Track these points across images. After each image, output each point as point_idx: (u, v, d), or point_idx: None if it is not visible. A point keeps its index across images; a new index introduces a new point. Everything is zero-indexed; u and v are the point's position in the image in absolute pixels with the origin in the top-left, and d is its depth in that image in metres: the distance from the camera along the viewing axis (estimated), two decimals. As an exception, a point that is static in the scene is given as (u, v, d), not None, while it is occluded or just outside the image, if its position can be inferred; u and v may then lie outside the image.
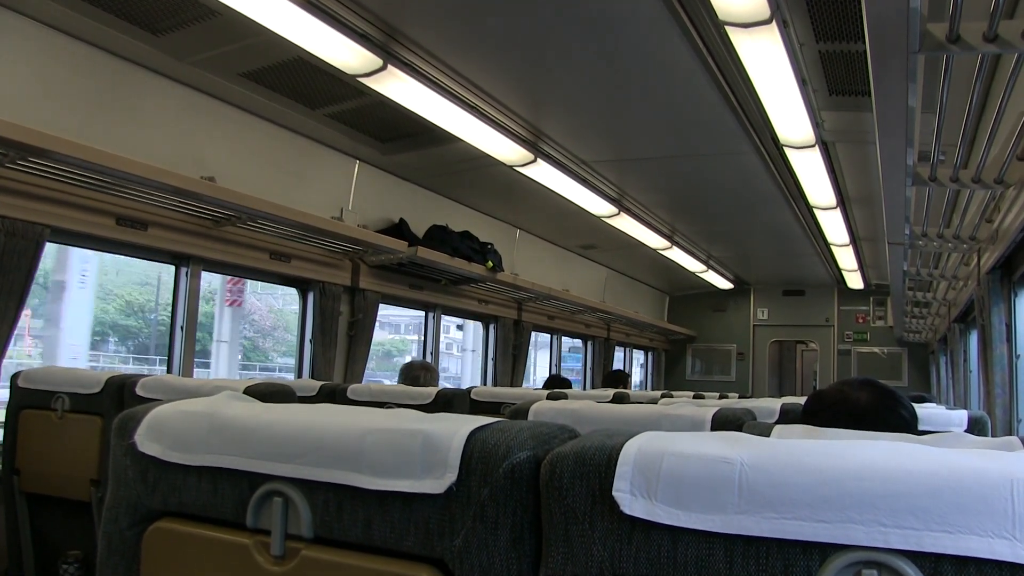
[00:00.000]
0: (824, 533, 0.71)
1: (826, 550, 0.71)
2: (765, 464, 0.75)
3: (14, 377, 2.87)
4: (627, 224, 6.67)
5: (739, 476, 0.75)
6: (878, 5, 1.91)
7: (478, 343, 7.84)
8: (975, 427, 2.36)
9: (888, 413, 1.77)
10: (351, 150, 5.07)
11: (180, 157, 3.92)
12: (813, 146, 4.46)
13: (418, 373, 4.40)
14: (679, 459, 0.78)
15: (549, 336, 8.64)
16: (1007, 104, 2.48)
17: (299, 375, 5.12)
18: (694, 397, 4.87)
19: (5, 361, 3.32)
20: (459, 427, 0.91)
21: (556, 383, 6.13)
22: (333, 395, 3.48)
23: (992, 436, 2.28)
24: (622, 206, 6.23)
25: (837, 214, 6.15)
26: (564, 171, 5.21)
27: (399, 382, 4.39)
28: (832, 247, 7.70)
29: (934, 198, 3.75)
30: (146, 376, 2.64)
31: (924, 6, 1.93)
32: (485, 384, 7.20)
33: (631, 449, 0.81)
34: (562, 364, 9.00)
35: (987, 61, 2.26)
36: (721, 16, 2.99)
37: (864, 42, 2.12)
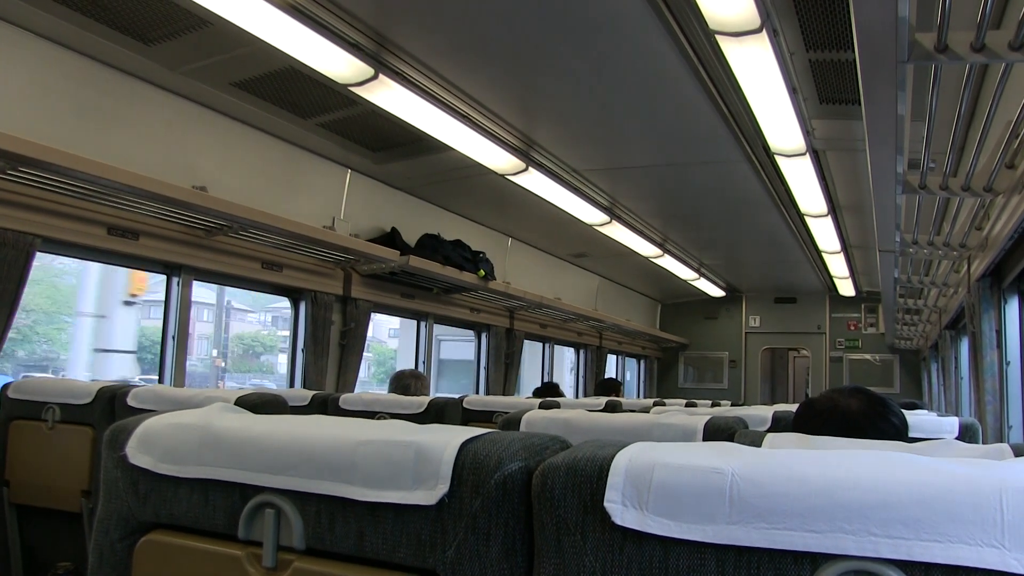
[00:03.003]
0: (815, 543, 0.71)
1: (817, 560, 0.72)
2: (756, 474, 0.75)
3: (4, 388, 2.86)
4: (619, 232, 6.68)
5: (730, 486, 0.75)
6: (867, 15, 1.93)
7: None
8: (966, 434, 2.37)
9: (879, 420, 1.78)
10: (343, 159, 5.07)
11: (171, 167, 3.91)
12: (804, 154, 4.47)
13: (408, 382, 4.40)
14: (670, 470, 0.78)
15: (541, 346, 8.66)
16: (995, 113, 2.50)
17: (291, 384, 5.10)
18: (686, 405, 4.86)
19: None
20: (451, 438, 0.91)
21: (547, 390, 6.14)
22: (325, 404, 3.48)
23: (983, 443, 2.30)
24: (614, 214, 6.25)
25: (828, 222, 6.17)
26: (556, 180, 5.22)
27: (389, 391, 4.38)
28: (823, 254, 7.73)
29: (924, 206, 3.77)
30: (138, 387, 2.63)
31: (912, 16, 1.94)
32: (477, 393, 7.19)
33: (622, 460, 0.81)
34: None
35: (975, 70, 2.27)
36: (712, 25, 3.00)
37: (854, 51, 2.14)
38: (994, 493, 0.68)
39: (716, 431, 1.93)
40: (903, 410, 1.88)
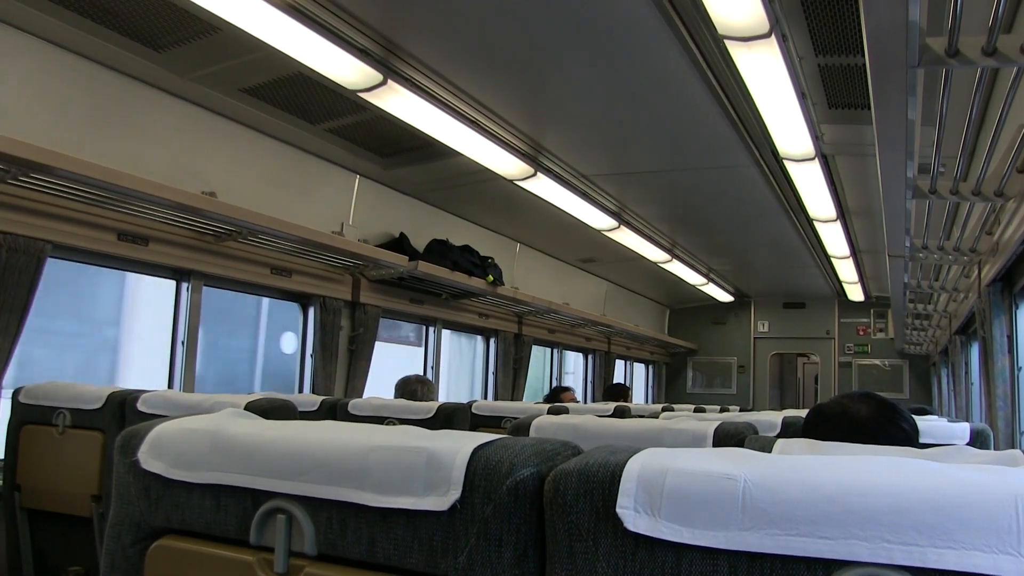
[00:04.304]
0: (828, 549, 0.71)
1: (830, 566, 0.71)
2: (768, 481, 0.75)
3: (15, 393, 2.87)
4: (627, 237, 6.68)
5: (742, 493, 0.75)
6: (877, 19, 1.92)
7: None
8: (977, 440, 2.36)
9: (888, 426, 1.77)
10: (351, 165, 5.08)
11: (181, 172, 3.93)
12: (813, 159, 4.47)
13: (415, 387, 4.40)
14: (682, 476, 0.78)
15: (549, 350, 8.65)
16: (1006, 117, 2.49)
17: (300, 390, 5.11)
18: (695, 411, 4.86)
19: None
20: (462, 444, 0.91)
21: (557, 394, 6.14)
22: (334, 410, 3.48)
23: (994, 449, 2.28)
24: (622, 219, 6.24)
25: (837, 226, 6.15)
26: (564, 185, 5.22)
27: (396, 396, 4.39)
28: (832, 259, 7.71)
29: (934, 210, 3.76)
30: (147, 392, 2.64)
31: (923, 20, 1.94)
32: (486, 398, 7.19)
33: (634, 466, 0.81)
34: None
35: (986, 74, 2.27)
36: (720, 30, 3.00)
37: (863, 56, 2.13)
38: (1009, 500, 0.68)
39: (726, 437, 1.93)
40: (913, 415, 1.88)
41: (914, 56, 2.03)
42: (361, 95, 3.71)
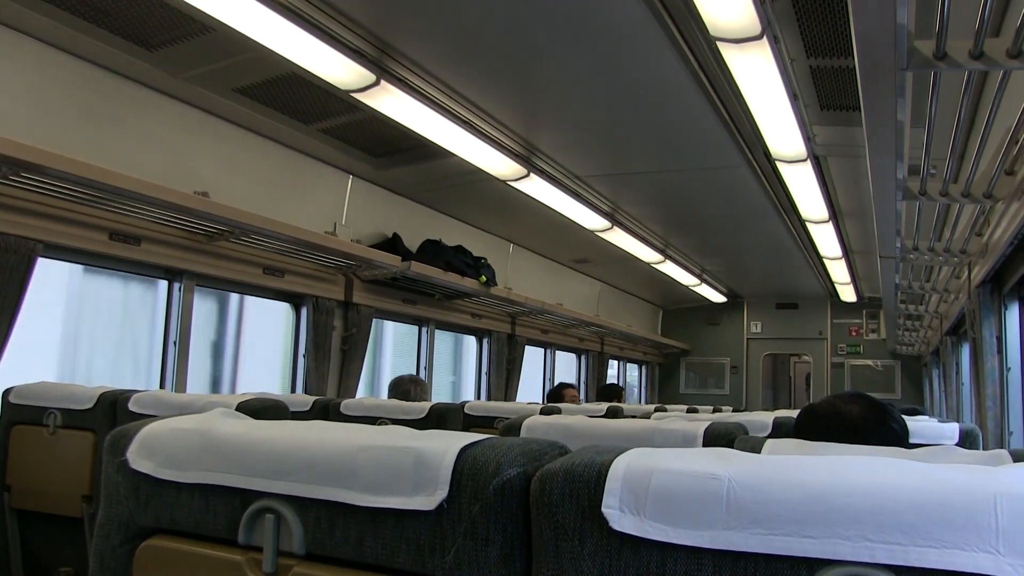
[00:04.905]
0: (811, 549, 0.72)
1: (813, 565, 0.72)
2: (753, 480, 0.75)
3: (5, 393, 2.86)
4: (620, 238, 6.69)
5: (727, 492, 0.75)
6: (866, 22, 1.93)
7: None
8: (966, 440, 2.37)
9: (879, 426, 1.79)
10: (344, 165, 5.08)
11: (174, 172, 3.92)
12: (805, 160, 4.48)
13: (408, 387, 4.40)
14: (668, 475, 0.78)
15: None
16: (994, 119, 2.50)
17: (292, 390, 5.10)
18: (688, 411, 4.86)
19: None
20: (450, 444, 0.92)
21: (559, 392, 6.14)
22: (326, 410, 3.48)
23: (983, 449, 2.30)
24: (615, 220, 6.25)
25: (829, 227, 6.17)
26: (557, 186, 5.23)
27: (389, 397, 4.38)
28: (825, 260, 7.73)
29: (924, 212, 3.78)
30: (139, 392, 2.64)
31: (911, 24, 1.95)
32: (479, 398, 7.19)
33: (620, 465, 0.81)
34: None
35: (974, 77, 2.28)
36: (713, 32, 3.01)
37: (854, 58, 2.14)
38: (989, 499, 0.68)
39: (716, 437, 1.94)
40: (904, 416, 1.89)
41: (903, 59, 2.04)
42: (354, 95, 3.71)
